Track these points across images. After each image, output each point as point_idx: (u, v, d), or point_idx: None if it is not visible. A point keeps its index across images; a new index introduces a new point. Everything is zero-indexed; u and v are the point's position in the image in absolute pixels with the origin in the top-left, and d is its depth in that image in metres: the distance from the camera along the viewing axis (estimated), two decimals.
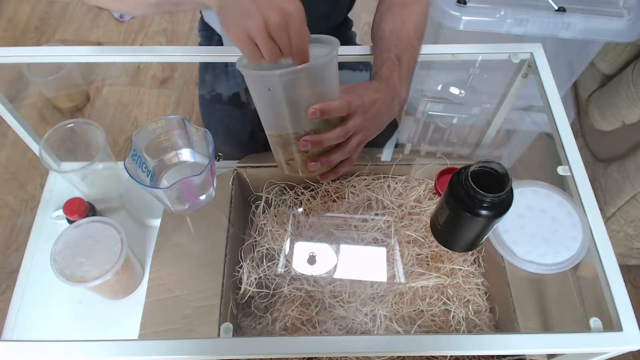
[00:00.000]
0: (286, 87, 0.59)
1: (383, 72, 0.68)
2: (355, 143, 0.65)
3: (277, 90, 0.60)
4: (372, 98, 0.64)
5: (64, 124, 0.79)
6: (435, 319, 0.76)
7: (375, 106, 0.65)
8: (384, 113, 0.67)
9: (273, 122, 0.64)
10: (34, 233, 0.85)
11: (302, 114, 0.61)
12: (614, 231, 1.23)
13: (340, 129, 0.62)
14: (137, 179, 0.66)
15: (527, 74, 0.79)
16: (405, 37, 0.72)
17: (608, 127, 1.24)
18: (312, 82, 0.59)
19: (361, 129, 0.64)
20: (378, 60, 0.71)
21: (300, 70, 0.56)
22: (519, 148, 1.00)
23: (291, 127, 0.63)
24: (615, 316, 0.55)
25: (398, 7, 0.75)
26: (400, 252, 0.80)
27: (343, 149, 0.64)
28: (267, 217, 0.83)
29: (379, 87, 0.66)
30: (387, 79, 0.67)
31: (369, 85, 0.66)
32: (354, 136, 0.64)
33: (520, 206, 0.65)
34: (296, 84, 0.59)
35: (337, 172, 0.68)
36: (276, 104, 0.61)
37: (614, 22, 1.10)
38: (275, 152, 0.68)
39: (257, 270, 0.78)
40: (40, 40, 1.97)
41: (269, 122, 0.65)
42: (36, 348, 0.53)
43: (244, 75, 0.60)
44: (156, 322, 0.69)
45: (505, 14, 1.10)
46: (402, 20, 0.74)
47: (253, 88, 0.62)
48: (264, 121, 0.66)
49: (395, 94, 0.68)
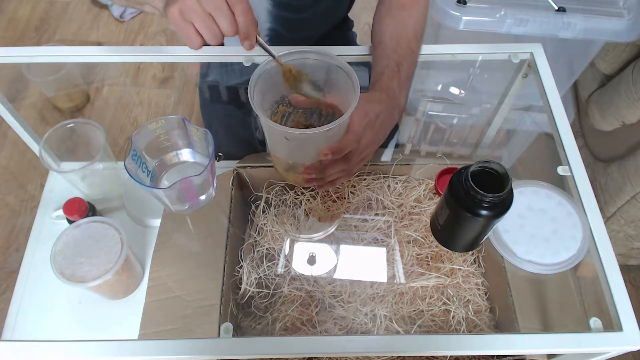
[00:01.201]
0: (304, 139, 0.60)
1: (383, 81, 0.68)
2: (359, 159, 0.65)
3: (294, 141, 0.61)
4: (376, 112, 0.64)
5: (64, 124, 0.79)
6: (435, 319, 0.76)
7: (379, 119, 0.65)
8: (387, 125, 0.67)
9: (280, 152, 0.66)
10: (34, 233, 0.85)
11: (313, 152, 0.62)
12: (614, 231, 1.23)
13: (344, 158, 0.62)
14: (137, 179, 0.66)
15: (527, 74, 0.79)
16: (404, 41, 0.72)
17: (608, 127, 1.24)
18: (330, 134, 0.59)
19: (367, 146, 0.64)
20: (378, 67, 0.71)
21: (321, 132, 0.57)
22: (519, 148, 1.00)
23: (299, 160, 0.65)
24: (615, 316, 0.55)
25: (397, 10, 0.75)
26: (400, 252, 0.80)
27: (348, 169, 0.65)
28: (267, 217, 0.83)
29: (380, 98, 0.66)
30: (387, 88, 0.67)
31: (371, 98, 0.65)
32: (355, 158, 0.64)
33: (520, 206, 0.65)
34: (315, 138, 0.59)
35: (334, 183, 0.67)
36: (290, 146, 0.62)
37: (614, 22, 1.10)
38: (275, 163, 0.69)
39: (257, 270, 0.78)
40: (40, 40, 1.97)
41: (276, 150, 0.66)
42: (36, 348, 0.53)
43: (260, 119, 0.60)
44: (156, 322, 0.69)
45: (505, 14, 1.10)
46: (401, 23, 0.73)
47: (267, 129, 0.63)
48: (271, 146, 0.67)
49: (395, 102, 0.67)
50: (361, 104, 0.61)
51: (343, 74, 0.62)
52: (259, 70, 0.61)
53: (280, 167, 0.69)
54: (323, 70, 0.64)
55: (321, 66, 0.64)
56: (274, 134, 0.63)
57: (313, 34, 0.97)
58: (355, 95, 0.58)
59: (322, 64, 0.63)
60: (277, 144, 0.65)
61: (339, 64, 0.62)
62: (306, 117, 0.70)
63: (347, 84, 0.61)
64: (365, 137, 0.63)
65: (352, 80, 0.60)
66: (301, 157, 0.64)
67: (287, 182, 0.76)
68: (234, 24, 0.54)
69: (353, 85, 0.60)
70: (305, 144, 0.62)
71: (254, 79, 0.61)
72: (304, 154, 0.63)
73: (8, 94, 0.82)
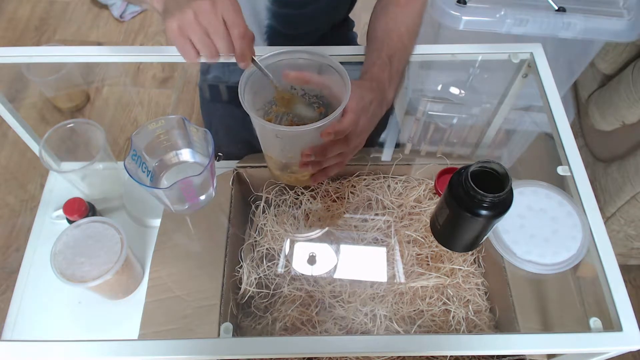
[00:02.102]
0: (295, 137, 0.60)
1: (374, 72, 0.68)
2: (354, 145, 0.65)
3: (285, 139, 0.61)
4: (369, 98, 0.64)
5: (64, 124, 0.79)
6: (435, 319, 0.76)
7: (372, 106, 0.65)
8: (377, 114, 0.67)
9: (272, 151, 0.66)
10: (34, 233, 0.85)
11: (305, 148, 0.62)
12: (614, 231, 1.23)
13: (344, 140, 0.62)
14: (137, 179, 0.66)
15: (527, 74, 0.79)
16: (396, 36, 0.72)
17: (608, 127, 1.24)
18: (321, 131, 0.59)
19: (361, 132, 0.64)
20: (369, 59, 0.71)
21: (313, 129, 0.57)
22: (519, 148, 1.00)
23: (291, 159, 0.65)
24: (615, 316, 0.55)
25: (393, 6, 0.76)
26: (400, 252, 0.80)
27: (346, 152, 0.64)
28: (267, 217, 0.83)
29: (371, 86, 0.66)
30: (377, 79, 0.67)
31: (362, 85, 0.66)
32: (354, 141, 0.64)
33: (520, 206, 0.65)
34: (306, 135, 0.59)
35: (327, 173, 0.67)
36: (282, 144, 0.63)
37: (614, 22, 1.10)
38: (268, 163, 0.70)
39: (257, 270, 0.78)
40: (40, 40, 1.97)
41: (269, 149, 0.67)
42: (36, 348, 0.53)
43: (251, 118, 0.60)
44: (156, 322, 0.69)
45: (505, 14, 1.10)
46: (395, 19, 0.74)
47: (258, 128, 0.63)
48: (263, 145, 0.67)
49: (384, 95, 0.68)
50: (355, 88, 0.61)
51: (335, 73, 0.62)
52: (250, 69, 0.61)
53: (273, 166, 0.69)
54: (315, 69, 0.64)
55: (313, 65, 0.64)
56: (265, 133, 0.63)
57: (313, 32, 0.96)
58: (346, 93, 0.59)
59: (313, 63, 0.63)
60: (269, 143, 0.65)
61: (330, 63, 0.62)
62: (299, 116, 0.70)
63: (338, 82, 0.62)
64: (361, 121, 0.63)
65: (344, 78, 0.60)
66: (293, 155, 0.63)
67: (281, 182, 0.76)
68: (230, 45, 0.56)
69: (345, 84, 0.60)
70: (296, 142, 0.62)
71: (244, 79, 0.61)
72: (296, 152, 0.62)
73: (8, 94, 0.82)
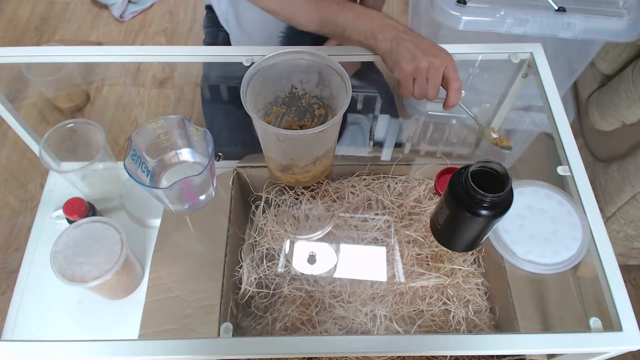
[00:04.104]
0: (296, 140, 0.60)
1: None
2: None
3: (287, 142, 0.62)
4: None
5: (64, 124, 0.79)
6: (435, 319, 0.76)
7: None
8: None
9: (273, 152, 0.66)
10: (34, 233, 0.85)
11: (306, 153, 0.62)
12: (614, 231, 1.23)
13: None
14: (137, 179, 0.66)
15: (527, 73, 0.79)
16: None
17: (608, 127, 1.24)
18: (322, 135, 0.60)
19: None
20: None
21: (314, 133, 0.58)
22: (519, 148, 1.00)
23: (292, 161, 0.66)
24: (615, 316, 0.55)
25: None
26: (400, 252, 0.80)
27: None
28: (267, 217, 0.83)
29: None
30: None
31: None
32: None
33: (520, 206, 0.65)
34: (307, 138, 0.59)
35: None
36: (283, 146, 0.63)
37: (614, 22, 1.10)
38: (269, 164, 0.70)
39: (257, 270, 0.78)
40: (40, 40, 1.96)
41: (270, 151, 0.67)
42: (36, 348, 0.53)
43: (253, 120, 0.60)
44: (156, 322, 0.69)
45: (505, 14, 1.10)
46: None
47: (260, 130, 0.63)
48: (264, 147, 0.67)
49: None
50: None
51: (335, 74, 0.62)
52: (252, 70, 0.61)
53: (274, 168, 0.69)
54: (316, 70, 0.64)
55: (314, 66, 0.64)
56: (267, 135, 0.63)
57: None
58: (347, 95, 0.58)
59: (315, 64, 0.63)
60: (270, 145, 0.65)
61: (331, 65, 0.62)
62: (299, 117, 0.70)
63: (339, 84, 0.61)
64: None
65: (344, 80, 0.60)
66: (294, 158, 0.64)
67: (281, 183, 0.76)
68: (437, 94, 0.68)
69: (345, 86, 0.60)
70: (297, 145, 0.62)
71: (246, 80, 0.61)
72: (296, 154, 0.63)
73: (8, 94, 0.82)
